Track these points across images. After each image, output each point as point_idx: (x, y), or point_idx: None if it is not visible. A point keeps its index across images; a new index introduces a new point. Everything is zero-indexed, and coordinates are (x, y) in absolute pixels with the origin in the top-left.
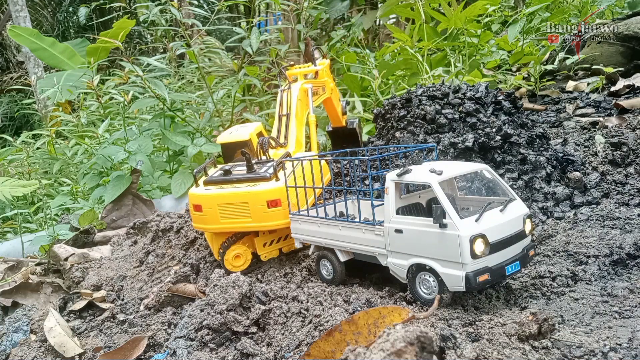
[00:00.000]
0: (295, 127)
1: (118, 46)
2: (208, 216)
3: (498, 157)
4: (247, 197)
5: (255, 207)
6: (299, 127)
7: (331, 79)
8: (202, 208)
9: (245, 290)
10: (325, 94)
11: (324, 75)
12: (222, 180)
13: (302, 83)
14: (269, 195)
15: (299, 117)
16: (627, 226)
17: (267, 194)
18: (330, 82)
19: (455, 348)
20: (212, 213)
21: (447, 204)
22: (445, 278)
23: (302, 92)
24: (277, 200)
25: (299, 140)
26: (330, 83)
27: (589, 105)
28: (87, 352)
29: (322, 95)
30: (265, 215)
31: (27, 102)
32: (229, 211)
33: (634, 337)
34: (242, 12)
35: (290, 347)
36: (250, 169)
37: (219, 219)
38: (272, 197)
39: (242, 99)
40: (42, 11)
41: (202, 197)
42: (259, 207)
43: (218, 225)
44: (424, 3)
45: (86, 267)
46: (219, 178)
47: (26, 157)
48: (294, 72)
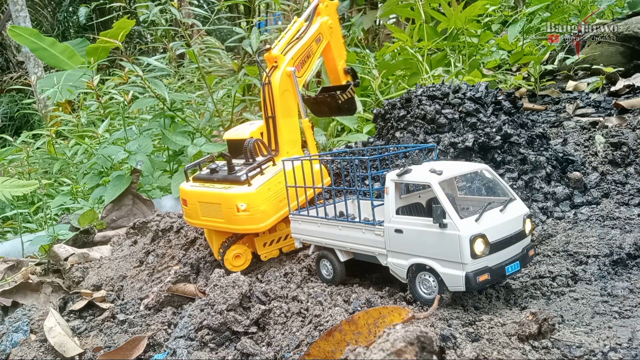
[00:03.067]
0: (285, 128)
1: (118, 46)
2: (191, 211)
3: (498, 157)
4: (219, 198)
5: (226, 209)
6: (289, 126)
7: (336, 21)
8: (187, 203)
9: (245, 290)
10: (322, 43)
11: (325, 12)
12: (207, 178)
13: (282, 70)
14: (238, 199)
15: (286, 116)
16: (627, 226)
17: (237, 197)
18: (330, 23)
19: (455, 348)
20: (194, 209)
21: (447, 204)
22: (445, 278)
23: (284, 82)
24: (247, 205)
25: (292, 140)
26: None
27: (589, 105)
28: (87, 352)
29: (320, 46)
30: (235, 218)
31: (27, 102)
32: (206, 209)
33: (634, 337)
34: (242, 12)
35: (290, 347)
36: (230, 170)
37: (199, 215)
38: (241, 201)
39: (242, 99)
40: (42, 11)
41: (187, 192)
42: (229, 210)
43: (199, 221)
44: (424, 3)
45: (86, 267)
46: (205, 176)
47: (26, 157)
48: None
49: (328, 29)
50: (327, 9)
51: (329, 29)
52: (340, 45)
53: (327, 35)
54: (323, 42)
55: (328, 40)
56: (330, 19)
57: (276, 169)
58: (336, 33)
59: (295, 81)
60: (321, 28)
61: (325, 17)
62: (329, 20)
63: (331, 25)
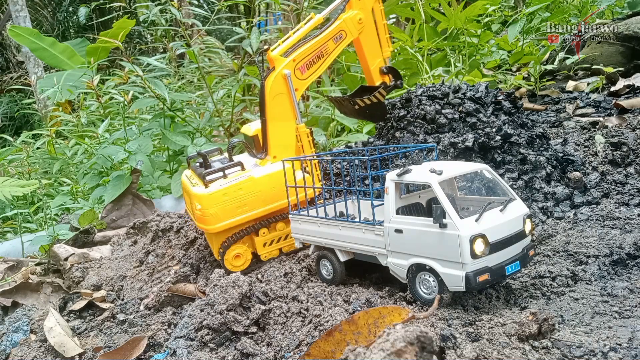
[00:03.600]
0: (276, 131)
1: (118, 46)
2: (186, 199)
3: (498, 157)
4: (189, 193)
5: (190, 204)
6: (281, 130)
7: (370, 15)
8: (183, 191)
9: (245, 290)
10: (345, 40)
11: (358, 6)
12: (195, 170)
13: (277, 72)
14: (195, 198)
15: (279, 119)
16: (627, 226)
17: (194, 197)
18: (359, 18)
19: (455, 348)
20: (185, 197)
21: (447, 203)
22: (445, 278)
23: (278, 84)
24: (200, 205)
25: (284, 144)
26: (358, 19)
27: (589, 105)
28: (87, 352)
29: (341, 44)
30: (197, 215)
31: (27, 102)
32: (188, 201)
33: (634, 337)
34: (242, 12)
35: (290, 347)
36: (206, 167)
37: (188, 204)
38: (197, 201)
39: (242, 99)
40: (42, 11)
41: (182, 181)
42: (193, 205)
43: (189, 209)
44: (424, 3)
45: (86, 267)
46: (194, 168)
47: (26, 157)
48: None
49: (355, 24)
50: (360, 2)
51: (357, 25)
52: (373, 43)
53: (352, 32)
54: (346, 39)
55: (355, 37)
56: (361, 14)
57: (242, 175)
58: (368, 29)
59: (291, 84)
60: (344, 24)
61: (353, 12)
62: (357, 15)
63: (361, 21)
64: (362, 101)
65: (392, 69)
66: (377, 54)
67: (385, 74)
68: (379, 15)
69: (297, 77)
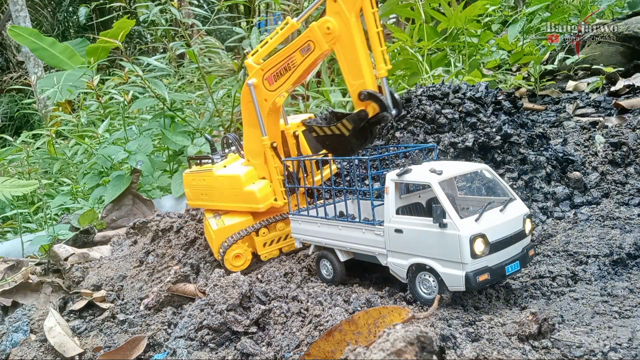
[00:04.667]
0: (248, 136)
1: (118, 46)
2: None
3: (498, 157)
4: None
5: None
6: (250, 136)
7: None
8: None
9: (245, 290)
10: (313, 54)
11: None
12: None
13: (246, 79)
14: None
15: (250, 125)
16: (627, 226)
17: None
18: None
19: (455, 348)
20: None
21: (447, 203)
22: (445, 278)
23: (245, 93)
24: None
25: (251, 150)
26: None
27: (589, 105)
28: (87, 352)
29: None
30: None
31: (27, 102)
32: None
33: (634, 337)
34: (242, 12)
35: (290, 347)
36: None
37: None
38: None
39: None
40: (42, 11)
41: None
42: None
43: None
44: (424, 3)
45: (86, 267)
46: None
47: (26, 157)
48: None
49: (324, 35)
50: (335, 5)
51: (328, 36)
52: (352, 59)
53: (322, 44)
54: (314, 52)
55: (325, 50)
56: (332, 21)
57: (208, 168)
58: (345, 40)
59: (253, 95)
60: (311, 34)
61: (328, 18)
62: (326, 23)
63: (329, 30)
64: (321, 129)
65: (373, 96)
66: (357, 73)
67: (364, 100)
68: (371, 22)
69: (266, 87)
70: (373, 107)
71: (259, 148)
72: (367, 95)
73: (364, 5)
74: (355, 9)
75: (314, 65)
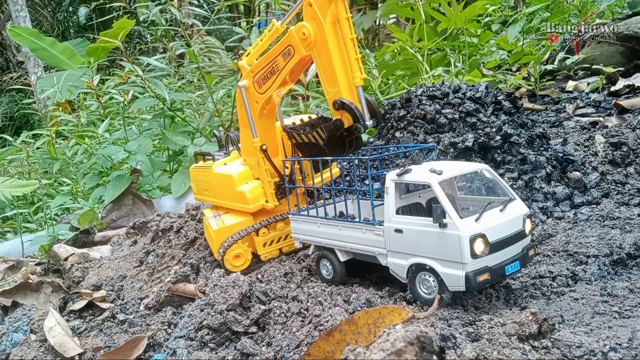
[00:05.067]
0: (243, 137)
1: (118, 46)
2: None
3: (498, 157)
4: None
5: None
6: (245, 137)
7: (323, 30)
8: None
9: (245, 290)
10: (293, 59)
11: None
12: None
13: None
14: None
15: (245, 127)
16: (627, 226)
17: None
18: (305, 34)
19: (455, 348)
20: None
21: (447, 203)
22: (445, 278)
23: (238, 94)
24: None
25: (246, 150)
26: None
27: (589, 105)
28: (87, 352)
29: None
30: None
31: (27, 102)
32: None
33: (634, 337)
34: (242, 12)
35: (290, 347)
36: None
37: None
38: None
39: None
40: (42, 11)
41: None
42: None
43: None
44: (424, 3)
45: (86, 267)
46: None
47: (26, 157)
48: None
49: (301, 40)
50: (310, 9)
51: (305, 41)
52: (327, 66)
53: (299, 50)
54: (294, 57)
55: (303, 56)
56: (307, 26)
57: (209, 165)
58: (320, 46)
59: (244, 96)
60: (291, 38)
61: (304, 24)
62: (304, 28)
63: (305, 36)
64: (299, 136)
65: (346, 106)
66: (333, 81)
67: (338, 110)
68: (346, 28)
69: (256, 89)
70: (347, 117)
71: (253, 149)
72: (341, 104)
73: (338, 11)
74: (331, 15)
75: (299, 69)
